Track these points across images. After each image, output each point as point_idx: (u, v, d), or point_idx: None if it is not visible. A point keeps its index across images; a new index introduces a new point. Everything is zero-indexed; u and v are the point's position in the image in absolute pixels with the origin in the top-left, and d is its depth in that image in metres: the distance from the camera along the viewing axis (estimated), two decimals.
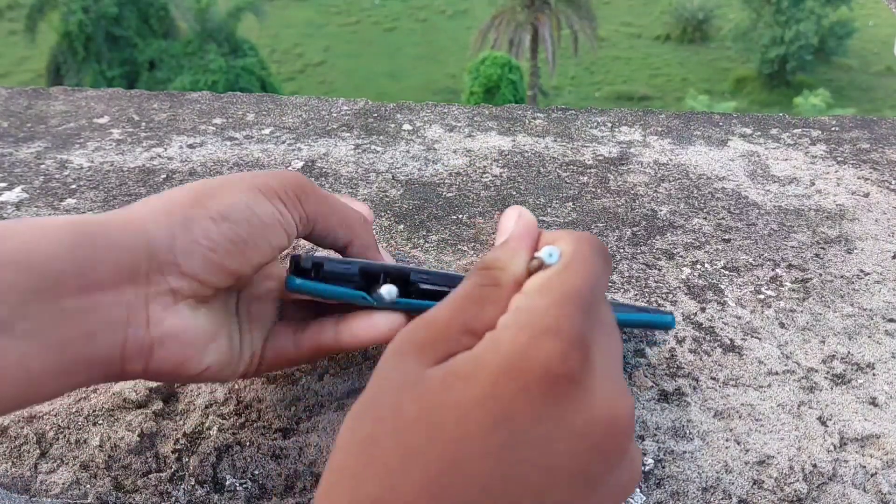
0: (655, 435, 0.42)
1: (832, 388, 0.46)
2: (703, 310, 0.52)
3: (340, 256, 0.43)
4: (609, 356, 0.28)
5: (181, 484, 0.40)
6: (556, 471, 0.25)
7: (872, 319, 0.52)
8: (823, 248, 0.59)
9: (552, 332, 0.26)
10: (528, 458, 0.25)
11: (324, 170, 0.68)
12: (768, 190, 0.68)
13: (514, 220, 0.32)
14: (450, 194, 0.65)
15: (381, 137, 0.74)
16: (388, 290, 0.39)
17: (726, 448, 0.42)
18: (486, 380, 0.26)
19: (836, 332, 0.50)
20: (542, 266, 0.29)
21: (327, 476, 0.27)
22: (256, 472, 0.41)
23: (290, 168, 0.41)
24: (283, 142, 0.72)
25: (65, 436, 0.42)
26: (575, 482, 0.25)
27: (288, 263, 0.43)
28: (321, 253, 0.49)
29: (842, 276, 0.56)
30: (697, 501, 0.39)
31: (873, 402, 0.45)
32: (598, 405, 0.26)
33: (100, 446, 0.41)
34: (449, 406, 0.25)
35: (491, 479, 0.24)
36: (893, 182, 0.70)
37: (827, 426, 0.43)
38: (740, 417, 0.43)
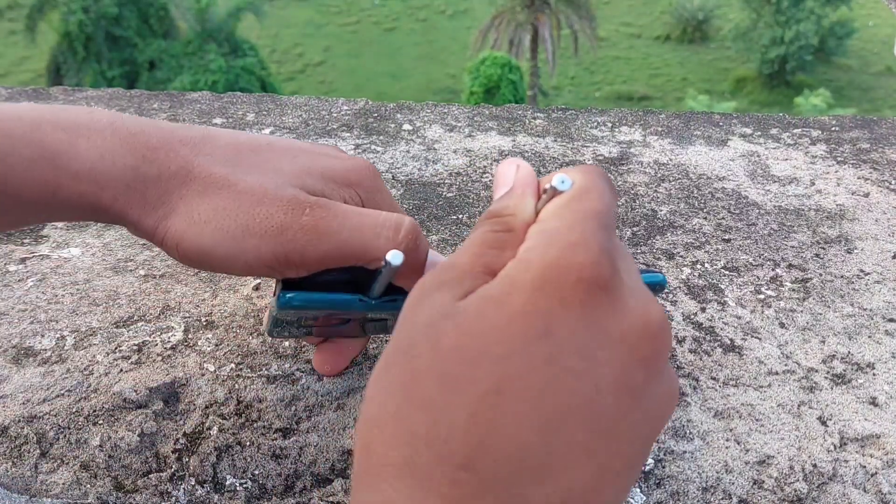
0: None
1: (832, 388, 0.46)
2: (703, 310, 0.52)
3: None
4: (631, 271, 0.28)
5: (181, 484, 0.40)
6: (600, 380, 0.25)
7: (872, 319, 0.52)
8: (823, 248, 0.59)
9: (580, 244, 0.26)
10: (572, 369, 0.25)
11: None
12: (768, 190, 0.68)
13: (514, 171, 0.32)
14: (450, 194, 0.65)
15: (381, 137, 0.74)
16: (393, 255, 0.36)
17: (726, 448, 0.42)
18: (522, 297, 0.26)
19: (836, 332, 0.50)
20: (555, 195, 0.29)
21: (363, 426, 0.27)
22: (256, 472, 0.41)
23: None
24: None
25: (65, 436, 0.42)
26: (619, 391, 0.25)
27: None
28: None
29: (842, 276, 0.56)
30: (697, 501, 0.39)
31: (873, 402, 0.45)
32: (631, 311, 0.26)
33: (100, 446, 0.41)
34: (487, 329, 0.25)
35: (539, 396, 0.24)
36: (893, 182, 0.70)
37: (827, 426, 0.43)
38: (740, 417, 0.43)
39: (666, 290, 0.54)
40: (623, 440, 0.25)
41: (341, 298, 0.38)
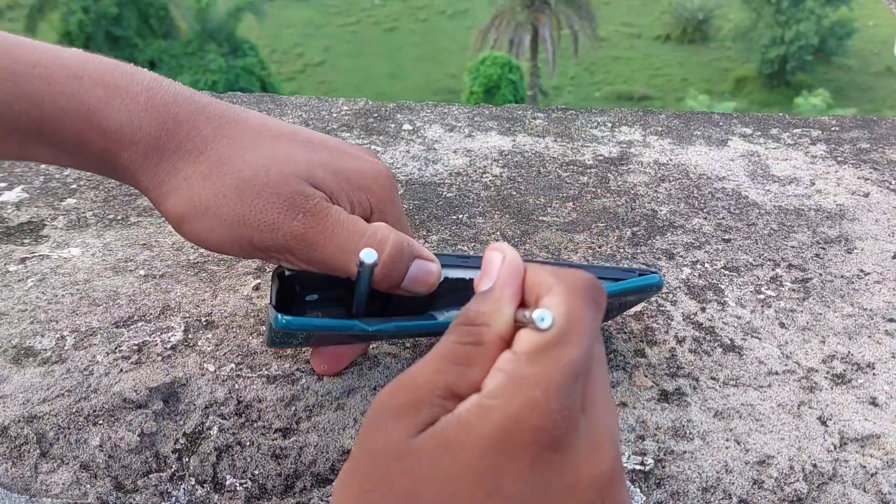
0: (655, 435, 0.42)
1: (832, 388, 0.46)
2: (703, 310, 0.52)
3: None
4: (597, 403, 0.28)
5: (181, 484, 0.40)
6: None
7: (872, 319, 0.52)
8: (823, 248, 0.59)
9: (542, 404, 0.26)
10: None
11: None
12: (768, 190, 0.68)
13: (499, 262, 0.30)
14: (450, 194, 0.65)
15: (381, 137, 0.74)
16: (366, 254, 0.36)
17: (726, 448, 0.42)
18: (476, 451, 0.25)
19: (837, 332, 0.50)
20: (531, 325, 0.27)
21: None
22: (256, 472, 0.41)
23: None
24: None
25: (65, 436, 0.42)
26: None
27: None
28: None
29: (842, 276, 0.56)
30: (697, 501, 0.39)
31: (873, 402, 0.45)
32: (581, 465, 0.26)
33: (100, 446, 0.41)
34: (439, 479, 0.25)
35: None
36: (893, 182, 0.70)
37: (827, 426, 0.43)
38: (740, 417, 0.43)
39: (666, 290, 0.54)
40: None
41: (337, 324, 0.38)
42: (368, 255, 0.36)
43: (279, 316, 0.37)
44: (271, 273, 0.44)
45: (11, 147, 0.39)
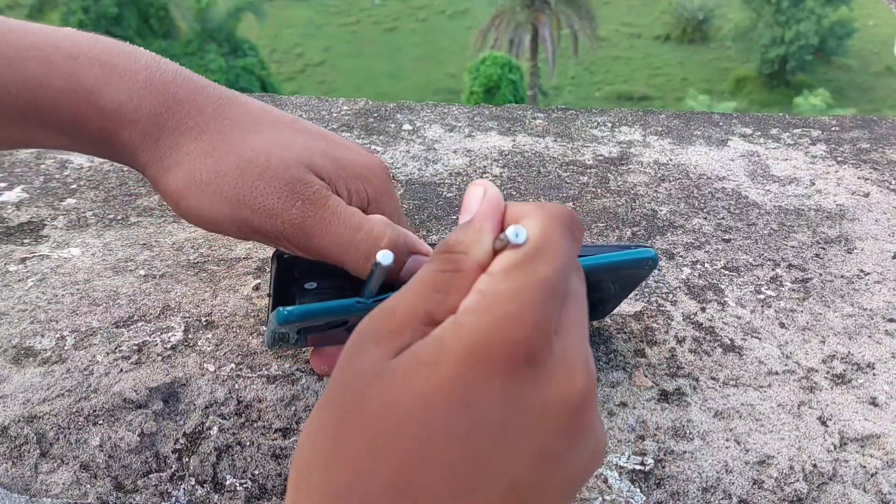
0: (655, 435, 0.42)
1: (832, 388, 0.46)
2: (703, 310, 0.52)
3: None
4: (572, 331, 0.28)
5: (181, 484, 0.40)
6: (519, 451, 0.25)
7: (872, 319, 0.52)
8: (823, 248, 0.59)
9: (516, 318, 0.26)
10: (491, 440, 0.25)
11: None
12: (768, 190, 0.68)
13: (480, 196, 0.30)
14: (450, 194, 0.65)
15: (381, 137, 0.74)
16: (383, 255, 0.35)
17: (726, 448, 0.42)
18: (449, 366, 0.26)
19: (837, 332, 0.50)
20: (507, 245, 0.28)
21: (296, 468, 0.28)
22: (256, 472, 0.41)
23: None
24: None
25: (65, 436, 0.42)
26: (538, 461, 0.26)
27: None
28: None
29: (842, 276, 0.56)
30: (697, 501, 0.39)
31: (873, 402, 0.45)
32: (555, 383, 0.26)
33: (100, 446, 0.41)
34: (413, 394, 0.26)
35: (457, 465, 0.25)
36: (893, 182, 0.70)
37: (827, 426, 0.43)
38: (740, 417, 0.43)
39: (666, 290, 0.54)
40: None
41: (338, 305, 0.38)
42: (385, 257, 0.35)
43: (281, 309, 0.37)
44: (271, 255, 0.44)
45: (13, 131, 0.39)
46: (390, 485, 0.25)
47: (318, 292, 0.42)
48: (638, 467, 0.40)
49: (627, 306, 0.52)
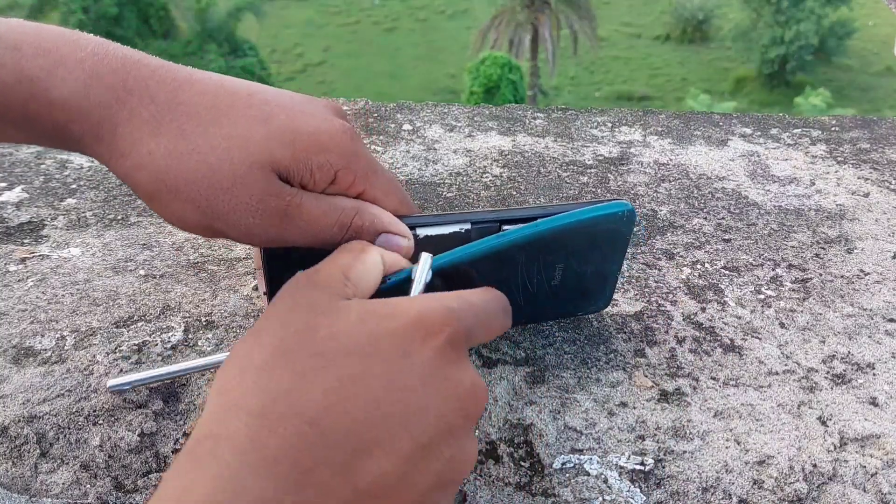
0: (655, 435, 0.42)
1: (832, 388, 0.46)
2: (703, 310, 0.52)
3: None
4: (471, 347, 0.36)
5: None
6: (426, 410, 0.31)
7: (872, 319, 0.52)
8: (823, 248, 0.59)
9: (455, 311, 0.33)
10: (412, 389, 0.31)
11: None
12: (768, 190, 0.68)
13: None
14: (450, 194, 0.65)
15: (381, 137, 0.74)
16: (425, 259, 0.38)
17: (726, 448, 0.42)
18: (401, 321, 0.32)
19: (837, 332, 0.50)
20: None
21: (226, 372, 0.31)
22: None
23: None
24: None
25: (65, 436, 0.42)
26: (435, 428, 0.31)
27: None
28: None
29: (842, 276, 0.56)
30: (697, 501, 0.39)
31: (873, 402, 0.45)
32: (467, 377, 0.32)
33: (100, 446, 0.41)
34: (363, 333, 0.32)
35: (384, 395, 0.30)
36: (893, 182, 0.70)
37: (827, 426, 0.43)
38: (740, 417, 0.43)
39: (666, 290, 0.54)
40: (419, 480, 0.30)
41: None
42: (426, 261, 0.38)
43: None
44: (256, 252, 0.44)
45: None
46: (329, 392, 0.29)
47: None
48: (638, 467, 0.40)
49: (627, 306, 0.52)
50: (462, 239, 0.44)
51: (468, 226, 0.44)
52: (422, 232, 0.44)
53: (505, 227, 0.44)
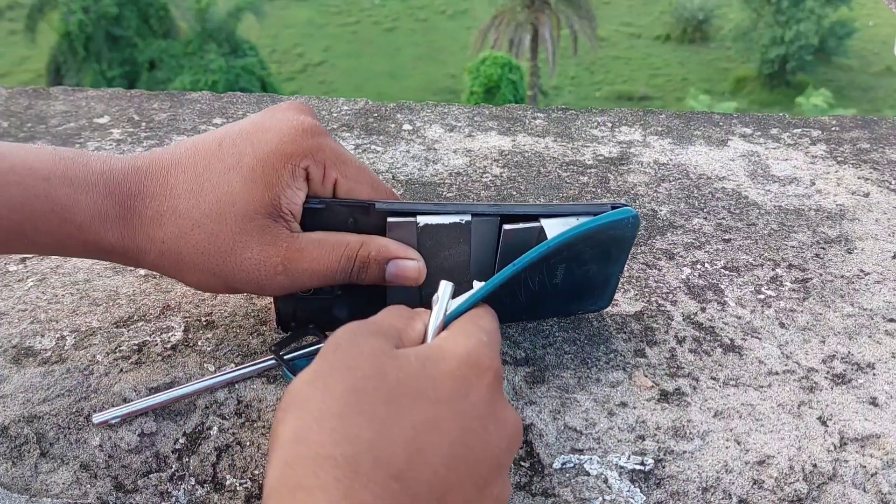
0: (655, 435, 0.42)
1: (832, 388, 0.46)
2: (703, 310, 0.52)
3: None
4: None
5: (181, 484, 0.40)
6: (485, 451, 0.32)
7: (872, 319, 0.52)
8: (823, 248, 0.59)
9: (489, 347, 0.36)
10: (473, 431, 0.32)
11: None
12: (768, 190, 0.68)
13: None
14: (450, 194, 0.65)
15: (382, 137, 0.74)
16: (444, 287, 0.39)
17: (726, 448, 0.42)
18: (453, 363, 0.34)
19: (837, 332, 0.50)
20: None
21: (297, 418, 0.31)
22: (256, 472, 0.41)
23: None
24: None
25: (65, 436, 0.42)
26: (489, 468, 0.32)
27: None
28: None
29: (842, 276, 0.56)
30: (697, 501, 0.39)
31: (873, 402, 0.45)
32: (511, 417, 0.35)
33: (100, 446, 0.41)
34: (426, 377, 0.33)
35: (453, 441, 0.32)
36: (893, 182, 0.70)
37: (827, 426, 0.43)
38: (740, 417, 0.43)
39: (666, 290, 0.54)
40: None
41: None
42: (446, 288, 0.39)
43: (286, 372, 0.40)
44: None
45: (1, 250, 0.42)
46: (409, 442, 0.30)
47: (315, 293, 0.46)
48: (638, 467, 0.40)
49: (627, 306, 0.52)
50: (462, 230, 0.44)
51: (469, 217, 0.44)
52: (422, 220, 0.44)
53: (505, 226, 0.44)
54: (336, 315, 0.47)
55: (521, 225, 0.44)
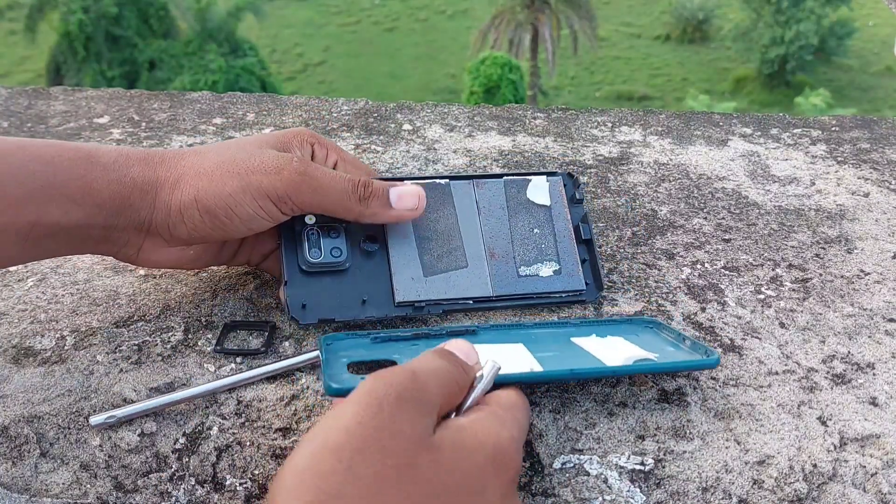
0: (655, 435, 0.42)
1: (832, 388, 0.46)
2: (703, 310, 0.52)
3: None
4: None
5: (181, 484, 0.40)
6: None
7: (872, 319, 0.52)
8: (823, 248, 0.59)
9: (518, 441, 0.36)
10: None
11: None
12: (768, 190, 0.68)
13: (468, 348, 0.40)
14: None
15: (382, 137, 0.74)
16: (490, 366, 0.39)
17: (726, 448, 0.42)
18: (481, 456, 0.34)
19: (837, 332, 0.50)
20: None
21: (317, 494, 0.30)
22: (256, 472, 0.41)
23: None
24: None
25: (65, 436, 0.42)
26: None
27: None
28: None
29: (842, 276, 0.56)
30: (697, 501, 0.39)
31: (873, 402, 0.45)
32: None
33: (100, 446, 0.41)
34: (460, 470, 0.33)
35: None
36: (893, 182, 0.70)
37: (827, 426, 0.43)
38: (740, 417, 0.43)
39: (666, 290, 0.54)
40: None
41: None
42: (492, 367, 0.39)
43: (329, 386, 0.40)
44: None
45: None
46: None
47: (318, 224, 0.50)
48: (638, 467, 0.40)
49: (627, 306, 0.52)
50: (444, 191, 0.53)
51: (447, 181, 0.53)
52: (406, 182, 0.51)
53: (476, 180, 0.54)
54: (344, 295, 0.49)
55: (491, 180, 0.54)
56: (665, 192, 0.67)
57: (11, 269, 0.54)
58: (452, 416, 0.37)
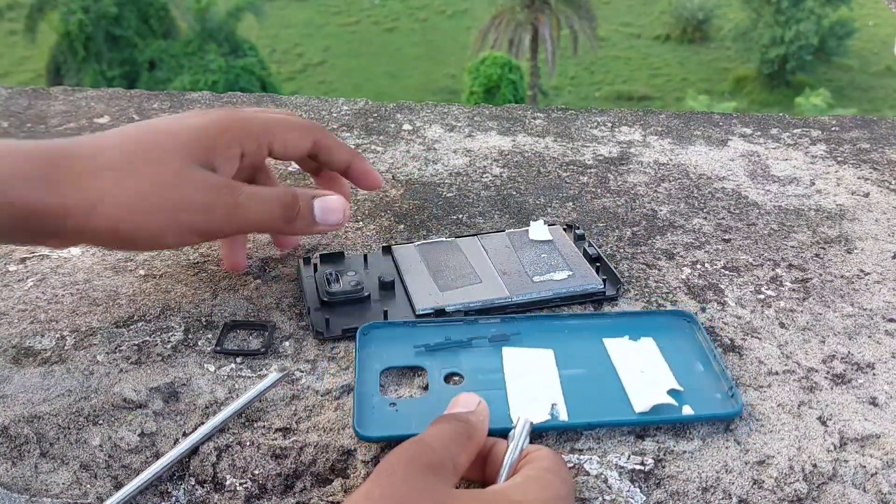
0: (655, 435, 0.42)
1: (832, 388, 0.46)
2: (703, 310, 0.52)
3: None
4: None
5: (181, 484, 0.40)
6: None
7: (872, 319, 0.52)
8: (823, 248, 0.59)
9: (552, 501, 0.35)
10: None
11: None
12: (768, 190, 0.68)
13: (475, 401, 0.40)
14: (450, 194, 0.65)
15: (381, 137, 0.74)
16: (524, 423, 0.39)
17: (726, 448, 0.42)
18: None
19: (836, 332, 0.50)
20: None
21: None
22: (256, 472, 0.41)
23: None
24: None
25: (65, 436, 0.42)
26: None
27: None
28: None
29: (842, 276, 0.56)
30: (697, 501, 0.39)
31: (873, 402, 0.45)
32: None
33: (100, 446, 0.41)
34: None
35: None
36: (893, 182, 0.70)
37: (827, 426, 0.43)
38: (740, 417, 0.43)
39: (666, 290, 0.54)
40: None
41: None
42: (525, 424, 0.39)
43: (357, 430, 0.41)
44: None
45: None
46: None
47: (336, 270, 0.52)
48: (638, 467, 0.40)
49: (627, 306, 0.52)
50: (451, 246, 0.56)
51: (452, 238, 0.57)
52: (418, 242, 0.53)
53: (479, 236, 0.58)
54: (366, 312, 0.50)
55: (494, 233, 0.58)
56: (665, 192, 0.67)
57: (11, 268, 0.54)
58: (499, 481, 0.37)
